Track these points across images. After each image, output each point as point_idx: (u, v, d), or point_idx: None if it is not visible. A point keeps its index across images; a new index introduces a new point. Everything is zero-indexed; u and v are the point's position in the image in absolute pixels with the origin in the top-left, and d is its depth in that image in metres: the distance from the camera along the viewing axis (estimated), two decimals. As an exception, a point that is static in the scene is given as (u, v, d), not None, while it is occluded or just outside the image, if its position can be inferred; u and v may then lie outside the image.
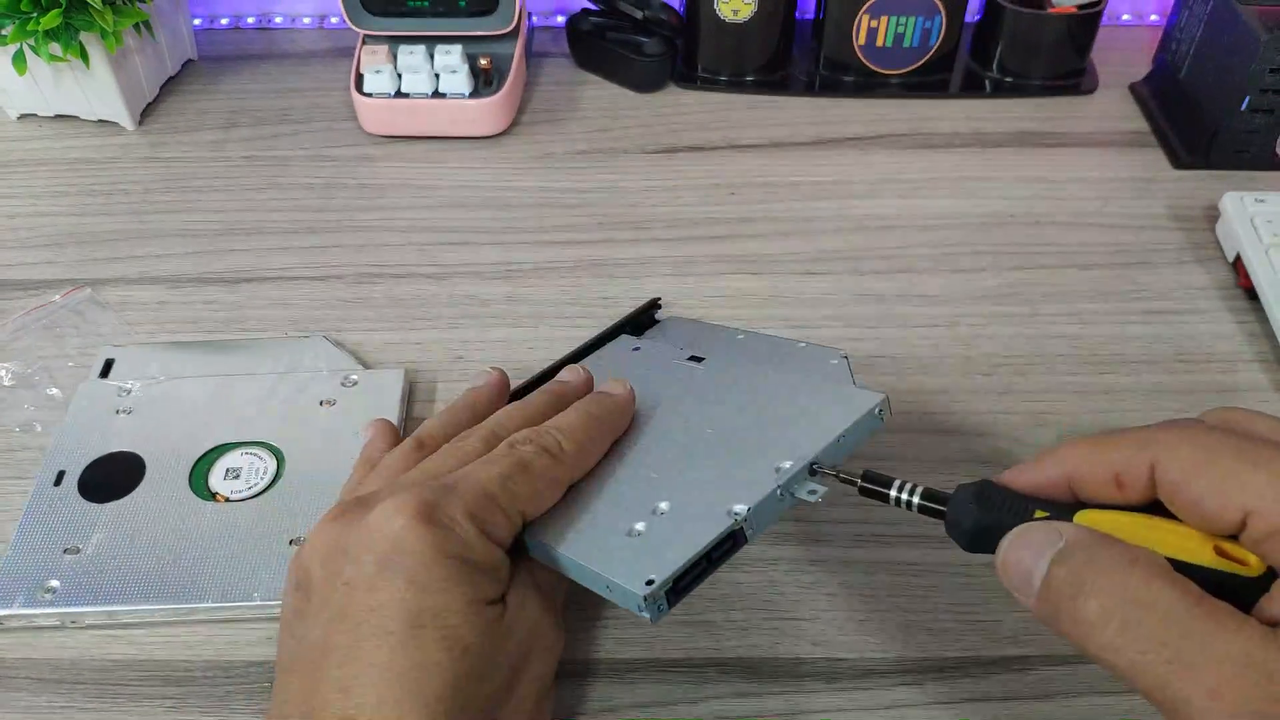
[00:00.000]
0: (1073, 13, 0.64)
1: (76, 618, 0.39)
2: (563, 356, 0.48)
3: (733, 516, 0.33)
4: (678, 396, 0.42)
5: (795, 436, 0.36)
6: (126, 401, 0.46)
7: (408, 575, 0.30)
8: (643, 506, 0.35)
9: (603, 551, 0.33)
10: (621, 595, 0.32)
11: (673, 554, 0.32)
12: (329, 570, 0.32)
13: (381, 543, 0.31)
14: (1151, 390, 0.48)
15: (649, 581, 0.31)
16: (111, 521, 0.41)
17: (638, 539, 0.33)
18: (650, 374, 0.44)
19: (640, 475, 0.37)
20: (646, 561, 0.32)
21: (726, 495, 0.34)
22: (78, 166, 0.62)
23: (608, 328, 0.50)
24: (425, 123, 0.63)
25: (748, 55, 0.67)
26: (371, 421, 0.41)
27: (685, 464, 0.37)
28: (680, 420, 0.40)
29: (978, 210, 0.58)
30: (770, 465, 0.35)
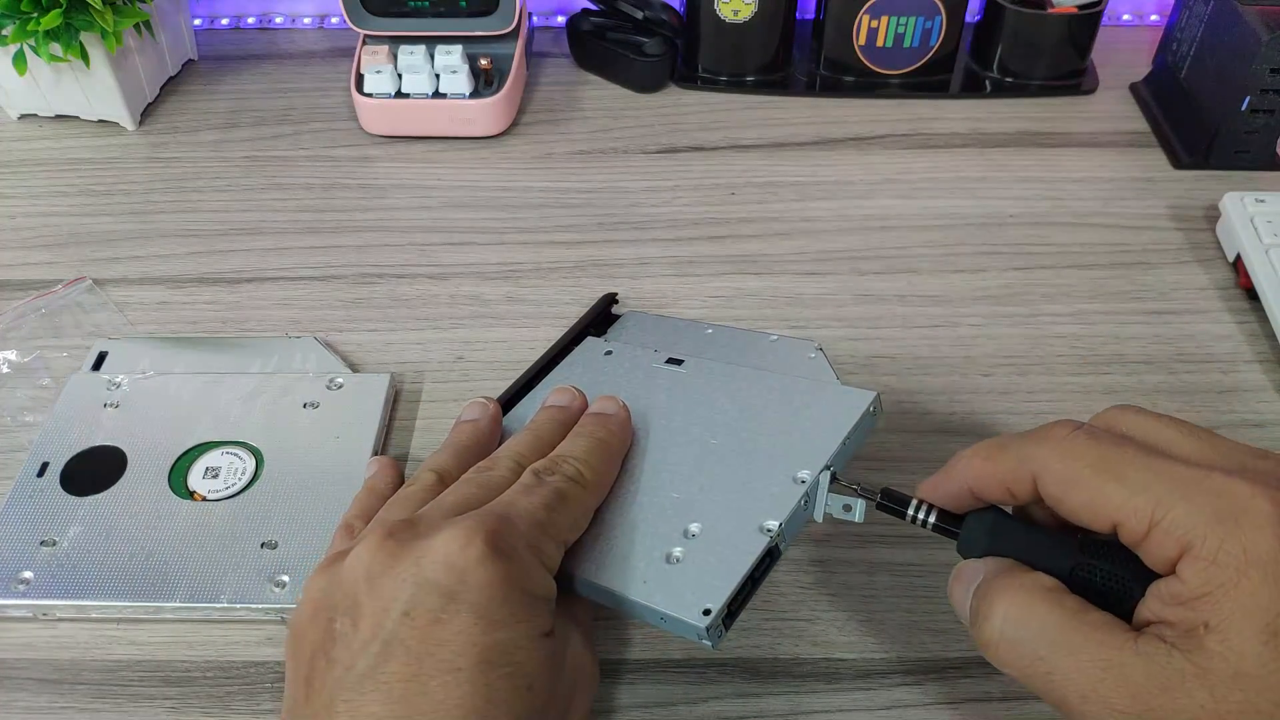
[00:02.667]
0: (1073, 13, 0.64)
1: (48, 610, 0.39)
2: (530, 367, 0.48)
3: (767, 534, 0.34)
4: (668, 404, 0.42)
5: (802, 443, 0.37)
6: (115, 395, 0.46)
7: (477, 609, 0.30)
8: (673, 529, 0.36)
9: (650, 583, 0.34)
10: (678, 626, 0.33)
11: (721, 580, 0.33)
12: (381, 598, 0.30)
13: (447, 574, 0.30)
14: (1151, 390, 0.48)
15: (706, 611, 0.32)
16: (89, 515, 0.42)
17: (678, 566, 0.34)
18: (631, 380, 0.44)
19: (661, 496, 0.37)
20: (696, 590, 0.33)
21: (754, 511, 0.35)
22: (78, 166, 0.62)
23: (568, 331, 0.50)
24: (425, 123, 0.63)
25: (748, 55, 0.67)
26: (375, 458, 0.41)
27: (702, 479, 0.37)
28: (680, 431, 0.40)
29: (978, 210, 0.58)
30: (788, 475, 0.36)
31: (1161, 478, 0.28)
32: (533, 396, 0.46)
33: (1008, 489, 0.31)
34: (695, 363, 0.44)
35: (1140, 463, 0.29)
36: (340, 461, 0.44)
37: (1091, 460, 0.29)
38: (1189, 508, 0.27)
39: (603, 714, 0.37)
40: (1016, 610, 0.29)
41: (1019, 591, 0.29)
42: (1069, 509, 0.29)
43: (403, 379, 0.49)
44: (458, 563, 0.30)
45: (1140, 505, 0.28)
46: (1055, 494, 0.29)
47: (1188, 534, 0.27)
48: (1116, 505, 0.28)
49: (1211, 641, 0.26)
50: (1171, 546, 0.27)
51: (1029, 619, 0.29)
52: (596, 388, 0.45)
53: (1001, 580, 0.30)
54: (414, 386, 0.49)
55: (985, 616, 0.29)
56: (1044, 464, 0.30)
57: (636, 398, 0.43)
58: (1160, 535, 0.27)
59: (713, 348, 0.47)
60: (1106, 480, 0.28)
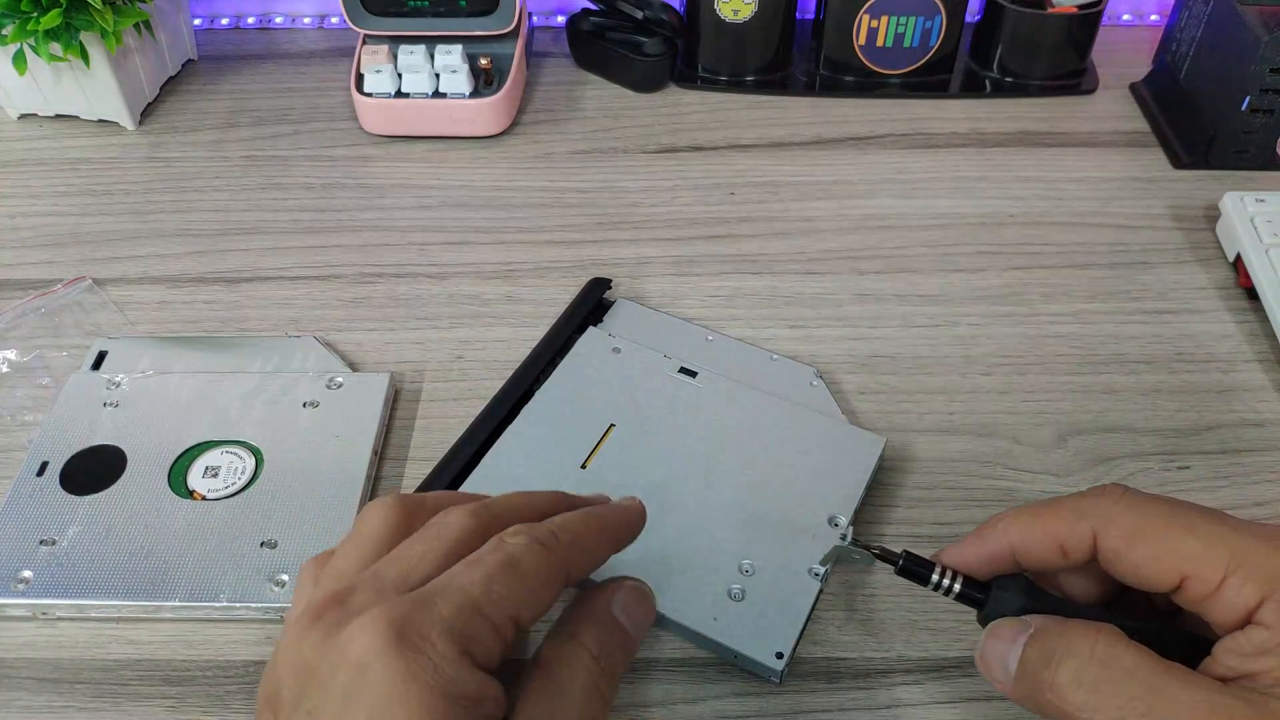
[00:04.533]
0: (1073, 13, 0.64)
1: (47, 609, 0.39)
2: (531, 358, 0.48)
3: (816, 577, 0.39)
4: (689, 422, 0.45)
5: (829, 484, 0.42)
6: (114, 395, 0.46)
7: (370, 712, 0.25)
8: (729, 564, 0.39)
9: (720, 620, 0.38)
10: (750, 664, 0.37)
11: (787, 624, 0.38)
12: (295, 692, 0.27)
13: (347, 670, 0.26)
14: (1151, 390, 0.48)
15: (779, 655, 0.37)
16: (89, 515, 0.42)
17: (742, 603, 0.38)
18: (645, 386, 0.46)
19: (711, 527, 0.41)
20: (765, 631, 0.37)
21: (801, 552, 0.39)
22: (78, 166, 0.62)
23: (562, 318, 0.50)
24: (425, 123, 0.63)
25: (748, 55, 0.67)
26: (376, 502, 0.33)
27: (743, 513, 0.41)
28: (713, 456, 0.43)
29: (978, 210, 0.58)
30: (822, 517, 0.41)
31: (1234, 531, 0.28)
32: (542, 394, 0.46)
33: (1060, 546, 0.30)
34: (708, 378, 0.46)
35: (1208, 517, 0.29)
36: (340, 461, 0.44)
37: (1160, 513, 0.29)
38: (1267, 556, 0.27)
39: (602, 713, 0.37)
40: (1103, 650, 0.28)
41: (1101, 634, 0.28)
42: (1132, 563, 0.29)
43: (402, 378, 0.49)
44: (354, 656, 0.26)
45: (1216, 555, 0.28)
46: (1119, 547, 0.29)
47: (1270, 579, 0.27)
48: (1188, 555, 0.28)
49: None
50: (1252, 594, 0.27)
51: (1119, 660, 0.28)
52: (606, 387, 0.46)
53: (1071, 626, 0.29)
54: (414, 386, 0.49)
55: (1057, 660, 0.28)
56: (1108, 517, 0.29)
57: (652, 406, 0.45)
58: (1238, 583, 0.27)
59: (714, 357, 0.48)
60: (1177, 531, 0.28)
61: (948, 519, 0.43)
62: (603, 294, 0.52)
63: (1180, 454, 0.45)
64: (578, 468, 0.43)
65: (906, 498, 0.44)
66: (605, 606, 0.31)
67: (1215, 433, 0.46)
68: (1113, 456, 0.45)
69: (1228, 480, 0.44)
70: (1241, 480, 0.44)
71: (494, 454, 0.44)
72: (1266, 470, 0.45)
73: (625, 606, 0.32)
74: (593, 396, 0.46)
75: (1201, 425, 0.47)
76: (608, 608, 0.31)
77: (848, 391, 0.48)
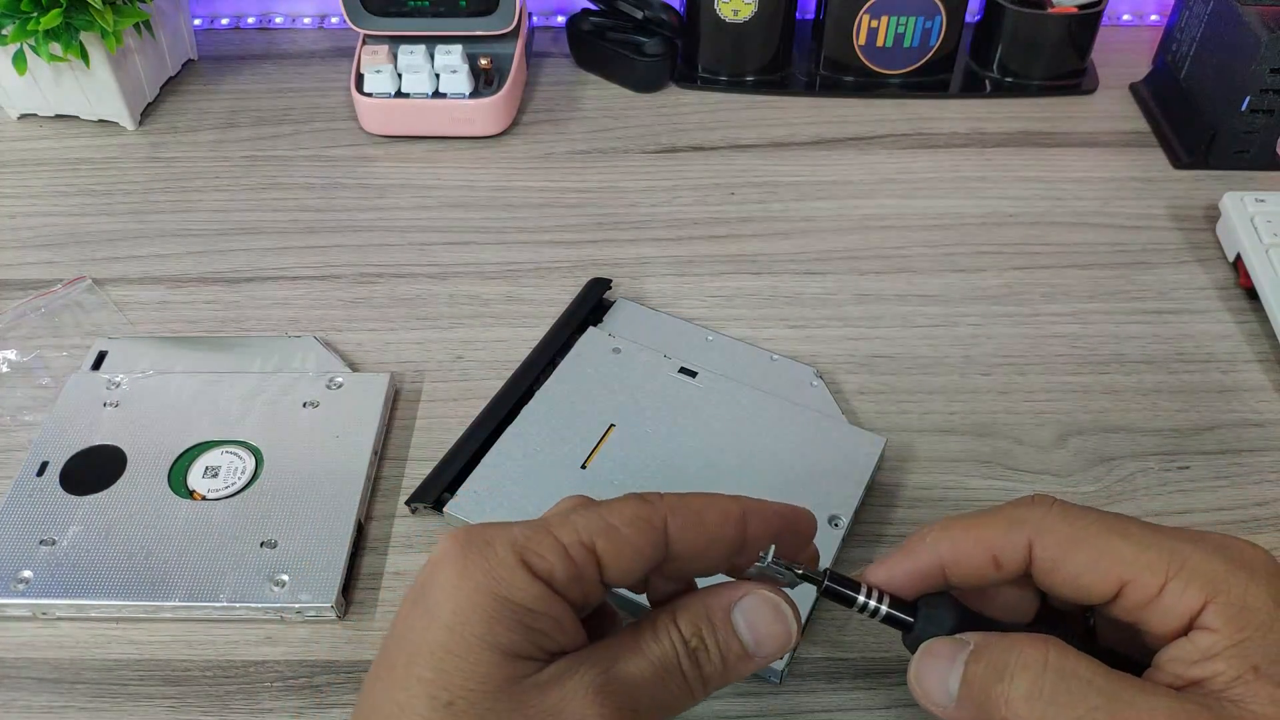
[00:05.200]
0: (1073, 13, 0.64)
1: (47, 609, 0.39)
2: (528, 356, 0.48)
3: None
4: (691, 420, 0.45)
5: (828, 484, 0.42)
6: (114, 395, 0.46)
7: (427, 605, 0.27)
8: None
9: None
10: None
11: None
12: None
13: (425, 570, 0.28)
14: (1151, 390, 0.48)
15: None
16: (89, 515, 0.42)
17: None
18: (646, 386, 0.46)
19: None
20: None
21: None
22: (78, 166, 0.62)
23: (562, 318, 0.50)
24: (425, 123, 0.63)
25: (748, 55, 0.67)
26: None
27: None
28: (714, 456, 0.43)
29: (978, 210, 0.58)
30: (824, 518, 0.40)
31: (1168, 536, 0.28)
32: (542, 394, 0.46)
33: (994, 557, 0.29)
34: (708, 378, 0.46)
35: (1142, 524, 0.28)
36: (340, 461, 0.44)
37: (1095, 520, 0.28)
38: (1205, 561, 0.27)
39: (602, 713, 0.37)
40: (1056, 661, 0.27)
41: (1051, 645, 0.27)
42: (1069, 571, 0.28)
43: (402, 378, 0.49)
44: (435, 559, 0.28)
45: (1155, 560, 0.27)
46: (1055, 555, 0.28)
47: (1211, 582, 0.26)
48: (1127, 561, 0.27)
49: (1265, 687, 0.25)
50: (1194, 597, 0.26)
51: (1075, 670, 0.27)
52: (606, 387, 0.46)
53: (1016, 639, 0.28)
54: (414, 386, 0.49)
55: (1010, 675, 0.27)
56: (1043, 525, 0.29)
57: (652, 406, 0.45)
58: (1179, 586, 0.27)
59: (714, 358, 0.48)
60: (1115, 537, 0.28)
61: (948, 519, 0.43)
62: (602, 294, 0.52)
63: (1180, 454, 0.45)
64: (578, 468, 0.43)
65: (906, 498, 0.44)
66: (722, 604, 0.30)
67: (1215, 433, 0.46)
68: (1113, 456, 0.45)
69: (1228, 480, 0.44)
70: (1241, 480, 0.44)
71: (494, 454, 0.44)
72: (1266, 470, 0.45)
73: (748, 613, 0.29)
74: (593, 396, 0.46)
75: (1201, 425, 0.47)
76: (725, 607, 0.29)
77: (848, 391, 0.48)
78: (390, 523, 0.43)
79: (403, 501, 0.44)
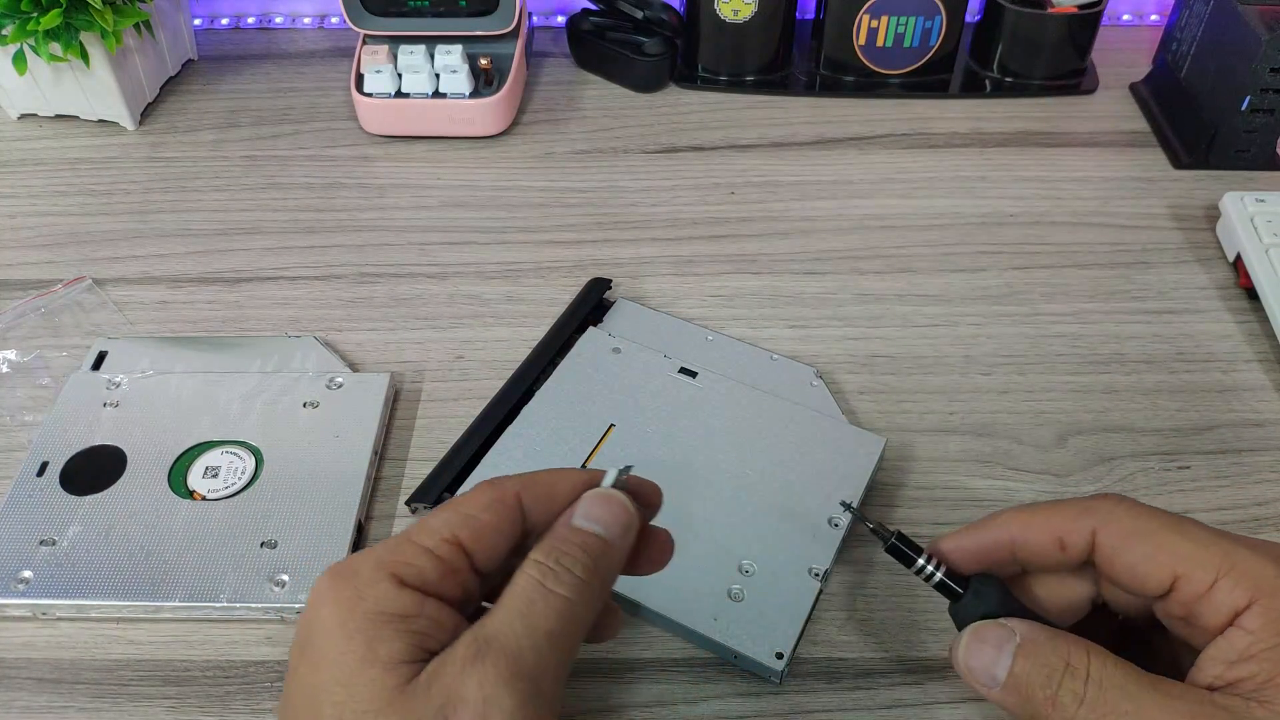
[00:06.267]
0: (1073, 13, 0.64)
1: (47, 609, 0.39)
2: (528, 356, 0.48)
3: (816, 577, 0.39)
4: (690, 422, 0.45)
5: (829, 484, 0.42)
6: (114, 395, 0.46)
7: (312, 649, 0.28)
8: (729, 564, 0.40)
9: (720, 620, 0.38)
10: (750, 664, 0.37)
11: (786, 624, 0.38)
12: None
13: (304, 616, 0.29)
14: (1151, 390, 0.48)
15: (779, 655, 0.37)
16: (89, 515, 0.42)
17: (742, 604, 0.38)
18: (645, 386, 0.46)
19: (712, 527, 0.41)
20: (765, 632, 0.38)
21: (800, 552, 0.40)
22: (78, 166, 0.62)
23: (562, 318, 0.50)
24: (425, 123, 0.63)
25: (748, 55, 0.67)
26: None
27: (744, 513, 0.41)
28: (713, 456, 0.43)
29: (978, 210, 0.58)
30: (823, 517, 0.41)
31: (1224, 537, 0.29)
32: (542, 394, 0.46)
33: (1060, 540, 0.31)
34: (709, 378, 0.47)
35: (1201, 525, 0.30)
36: (340, 461, 0.44)
37: (1158, 516, 0.30)
38: (1256, 563, 0.28)
39: (602, 714, 0.37)
40: (1097, 669, 0.29)
41: (1093, 651, 0.29)
42: (1128, 561, 0.30)
43: (402, 378, 0.49)
44: (311, 602, 0.29)
45: (1209, 557, 0.29)
46: (1117, 544, 0.30)
47: (1257, 585, 0.28)
48: (1183, 556, 0.29)
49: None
50: (1240, 596, 0.28)
51: (1111, 678, 0.29)
52: (606, 387, 0.46)
53: (1061, 642, 0.30)
54: (414, 386, 0.49)
55: (1056, 680, 0.29)
56: (1110, 516, 0.31)
57: (652, 406, 0.45)
58: (1228, 585, 0.28)
59: (714, 357, 0.48)
60: (1173, 533, 0.30)
61: (948, 519, 0.43)
62: (603, 294, 0.52)
63: (1180, 454, 0.45)
64: (578, 467, 0.43)
65: (906, 498, 0.44)
66: (562, 521, 0.31)
67: (1215, 433, 0.46)
68: (1113, 456, 0.45)
69: (1228, 480, 0.44)
70: (1241, 480, 0.44)
71: (494, 453, 0.44)
72: (1266, 470, 0.45)
73: (586, 513, 0.32)
74: (593, 396, 0.46)
75: (1201, 425, 0.47)
76: (564, 522, 0.31)
77: (848, 391, 0.48)
78: (390, 523, 0.43)
79: (403, 501, 0.44)
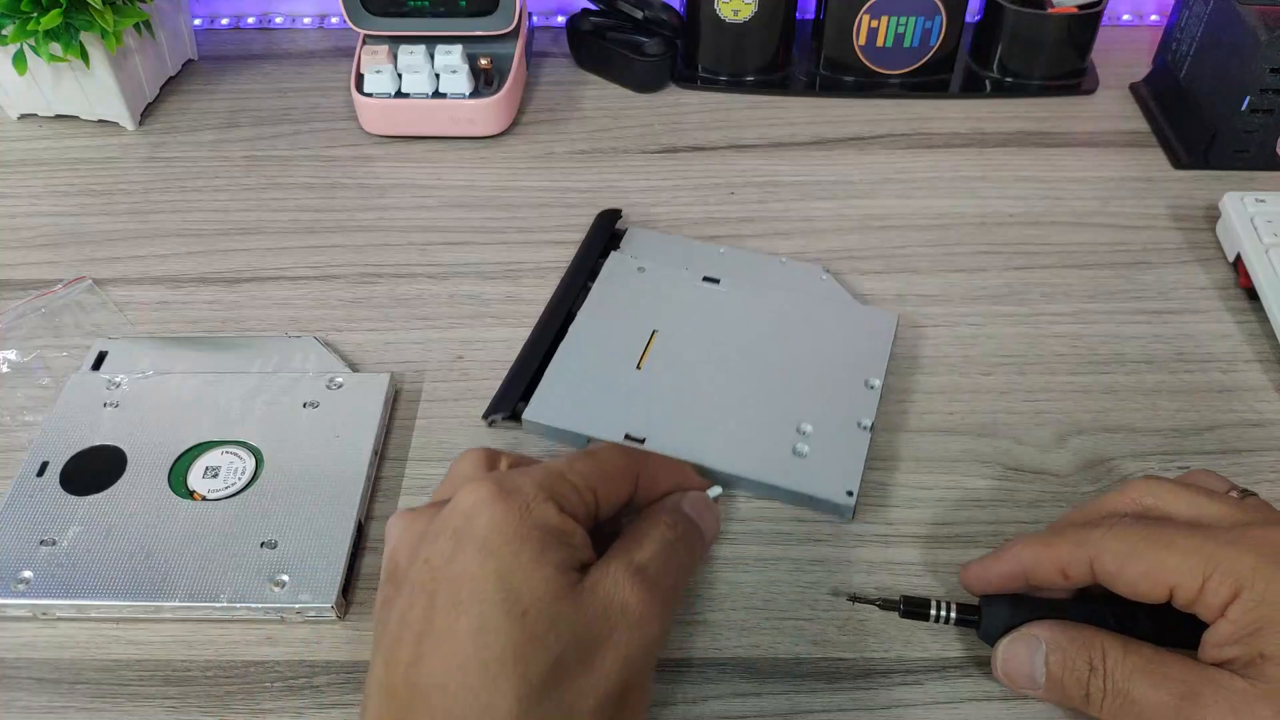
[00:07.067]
0: (1073, 13, 0.64)
1: (48, 610, 0.39)
2: (559, 284, 0.51)
3: (865, 429, 0.45)
4: (722, 321, 0.49)
5: (857, 354, 0.48)
6: (115, 395, 0.46)
7: (478, 543, 0.32)
8: (788, 429, 0.45)
9: (792, 472, 0.43)
10: (825, 505, 0.43)
11: (850, 468, 0.43)
12: (411, 555, 0.33)
13: (457, 519, 0.33)
14: (1151, 390, 0.48)
15: (849, 493, 0.42)
16: (89, 515, 0.42)
17: (807, 458, 0.43)
18: (673, 297, 0.51)
19: (766, 403, 0.46)
20: (833, 476, 0.43)
21: (848, 412, 0.45)
22: (78, 166, 0.62)
23: (581, 248, 0.54)
24: (425, 123, 0.63)
25: (748, 55, 0.67)
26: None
27: (791, 386, 0.46)
28: (750, 344, 0.48)
29: (978, 210, 0.58)
30: (859, 381, 0.46)
31: (1208, 541, 0.32)
32: (583, 313, 0.50)
33: (1062, 570, 0.35)
34: (731, 282, 0.51)
35: (1185, 532, 0.33)
36: (340, 461, 0.44)
37: (1144, 536, 0.33)
38: (1236, 559, 0.31)
39: (602, 713, 0.37)
40: (1114, 658, 0.33)
41: (1108, 642, 0.34)
42: (1127, 582, 0.33)
43: (402, 379, 0.49)
44: (464, 508, 0.33)
45: (1193, 565, 0.32)
46: (1113, 569, 0.33)
47: (1238, 580, 0.31)
48: (1172, 569, 0.32)
49: (1270, 668, 0.31)
50: (1225, 593, 0.31)
51: (1132, 662, 0.33)
52: (639, 300, 0.50)
53: (1077, 638, 0.34)
54: (414, 386, 0.49)
55: (1081, 680, 0.34)
56: (1102, 544, 0.34)
57: (686, 312, 0.50)
58: (1214, 585, 0.31)
59: (729, 266, 0.53)
60: (1160, 550, 0.33)
61: (948, 519, 0.43)
62: (614, 224, 0.56)
63: (1180, 454, 0.45)
64: (634, 369, 0.47)
65: (907, 498, 0.44)
66: (674, 502, 0.38)
67: (1215, 433, 0.46)
68: (1113, 456, 0.45)
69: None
70: (1242, 480, 0.44)
71: (554, 367, 0.47)
72: (1267, 470, 0.45)
73: (692, 505, 0.38)
74: (629, 310, 0.50)
75: (1201, 425, 0.47)
76: (677, 503, 0.38)
77: (848, 391, 0.48)
78: (390, 523, 0.43)
79: (480, 415, 0.46)
